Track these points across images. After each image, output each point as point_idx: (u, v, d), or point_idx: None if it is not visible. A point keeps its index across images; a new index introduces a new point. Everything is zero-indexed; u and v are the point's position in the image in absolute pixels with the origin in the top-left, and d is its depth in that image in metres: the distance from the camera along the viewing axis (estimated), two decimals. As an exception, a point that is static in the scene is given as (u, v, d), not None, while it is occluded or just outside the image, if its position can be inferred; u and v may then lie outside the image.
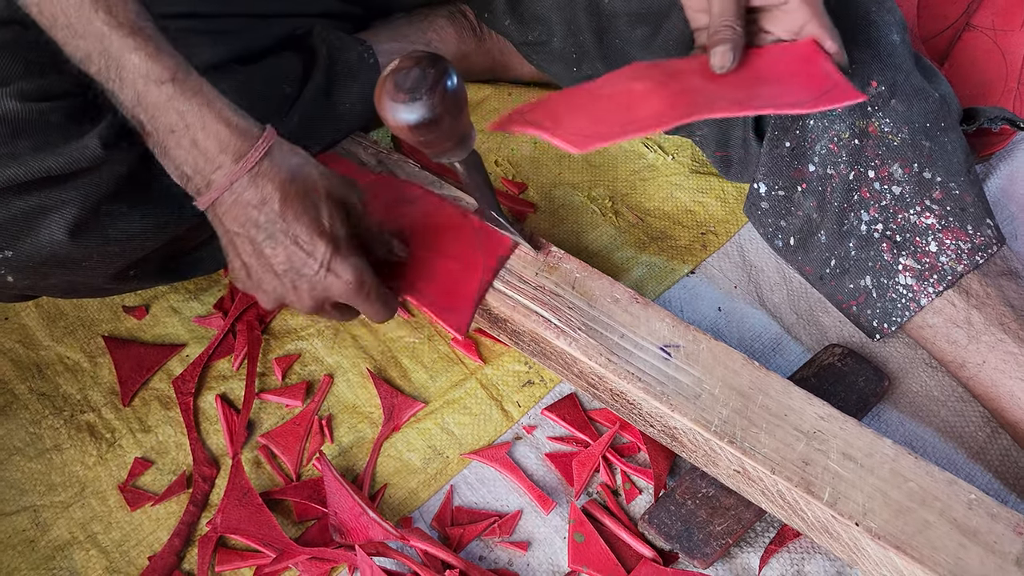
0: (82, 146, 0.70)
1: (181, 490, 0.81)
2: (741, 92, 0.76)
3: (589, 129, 0.73)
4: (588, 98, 0.78)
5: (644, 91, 0.77)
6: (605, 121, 0.74)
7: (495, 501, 0.81)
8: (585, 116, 0.75)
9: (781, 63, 0.78)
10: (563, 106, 0.77)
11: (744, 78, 0.78)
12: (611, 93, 0.78)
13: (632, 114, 0.75)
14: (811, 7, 0.76)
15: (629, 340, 0.80)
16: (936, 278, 0.83)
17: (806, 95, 0.75)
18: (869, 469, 0.72)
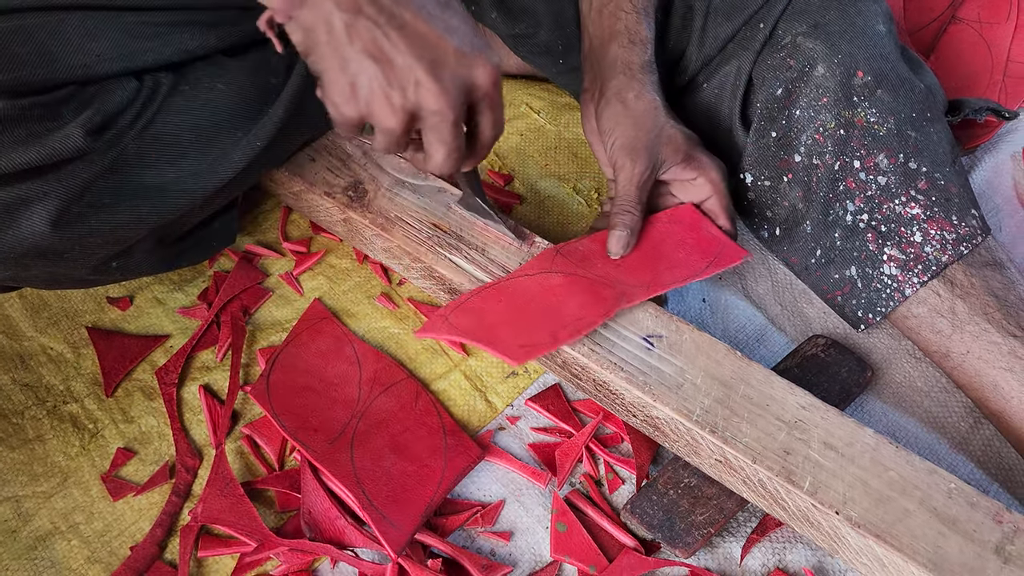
0: (64, 136, 0.69)
1: (164, 480, 0.81)
2: (647, 274, 0.84)
3: (524, 339, 0.77)
4: (510, 299, 0.81)
5: (563, 290, 0.81)
6: (537, 329, 0.78)
7: (477, 491, 0.81)
8: (516, 326, 0.79)
9: (674, 232, 0.87)
10: (489, 309, 0.80)
11: (645, 254, 0.85)
12: (532, 297, 0.81)
13: (559, 319, 0.79)
14: (715, 185, 0.86)
15: (612, 330, 0.80)
16: (921, 268, 0.84)
17: (701, 263, 0.84)
18: (850, 458, 0.72)
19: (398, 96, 0.62)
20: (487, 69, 0.63)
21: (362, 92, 0.62)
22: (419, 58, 0.60)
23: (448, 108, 0.62)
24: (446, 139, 0.65)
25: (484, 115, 0.66)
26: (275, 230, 1.00)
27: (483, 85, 0.64)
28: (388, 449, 0.81)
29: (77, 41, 0.72)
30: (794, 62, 0.86)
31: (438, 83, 0.61)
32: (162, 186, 0.76)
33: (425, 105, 0.62)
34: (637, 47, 0.87)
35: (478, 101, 0.65)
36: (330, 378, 0.86)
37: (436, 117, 0.63)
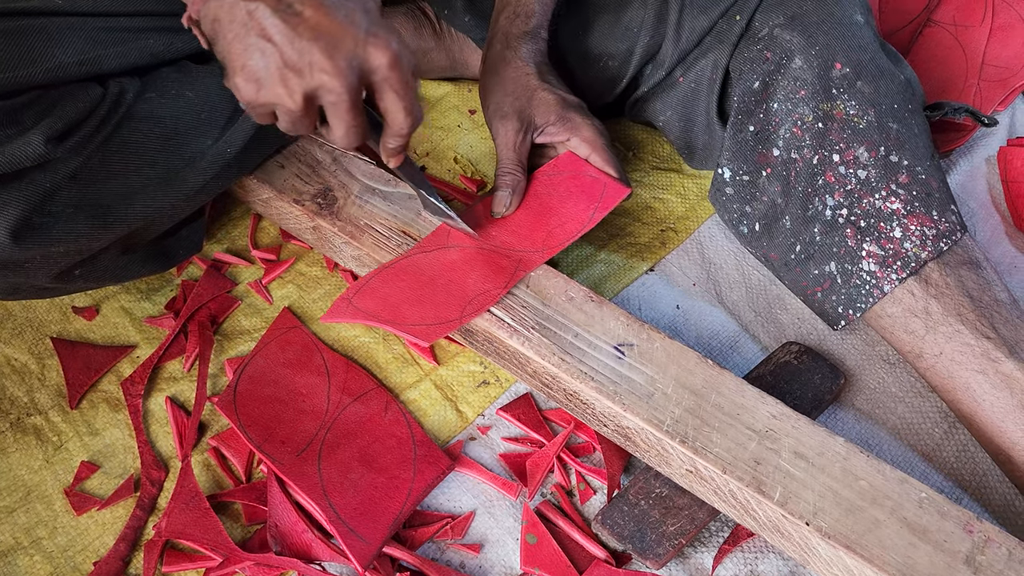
0: (24, 143, 0.68)
1: (128, 494, 0.79)
2: (540, 234, 0.86)
3: (431, 318, 0.79)
4: (412, 277, 0.83)
5: (463, 264, 0.83)
6: (443, 306, 0.80)
7: (447, 502, 0.80)
8: (421, 304, 0.81)
9: (559, 183, 0.89)
10: (392, 289, 0.82)
11: (535, 213, 0.88)
12: (433, 274, 0.83)
13: (464, 294, 0.81)
14: (590, 143, 0.88)
15: (583, 339, 0.79)
16: (899, 264, 0.83)
17: (587, 210, 0.86)
18: (820, 468, 0.72)
19: (294, 78, 0.63)
20: (384, 50, 0.64)
21: (262, 75, 0.64)
22: (315, 40, 0.62)
23: (343, 88, 0.63)
24: (344, 117, 0.66)
25: (388, 97, 0.67)
26: (244, 237, 0.99)
27: (381, 66, 0.65)
28: (356, 461, 0.80)
29: (40, 47, 0.71)
30: (771, 54, 0.85)
31: (332, 63, 0.62)
32: (127, 195, 0.75)
33: (320, 84, 0.63)
34: (519, 19, 0.92)
35: (379, 82, 0.66)
36: (298, 388, 0.85)
37: (332, 95, 0.64)
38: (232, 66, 0.64)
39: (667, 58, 0.93)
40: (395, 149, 0.73)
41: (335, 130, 0.67)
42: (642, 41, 0.93)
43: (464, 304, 0.80)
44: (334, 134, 0.68)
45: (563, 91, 0.90)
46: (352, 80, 0.63)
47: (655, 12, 0.92)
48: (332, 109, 0.65)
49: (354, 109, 0.65)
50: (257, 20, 0.62)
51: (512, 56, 0.90)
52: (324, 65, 0.62)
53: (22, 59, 0.69)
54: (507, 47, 0.91)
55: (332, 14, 0.62)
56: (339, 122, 0.66)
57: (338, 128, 0.67)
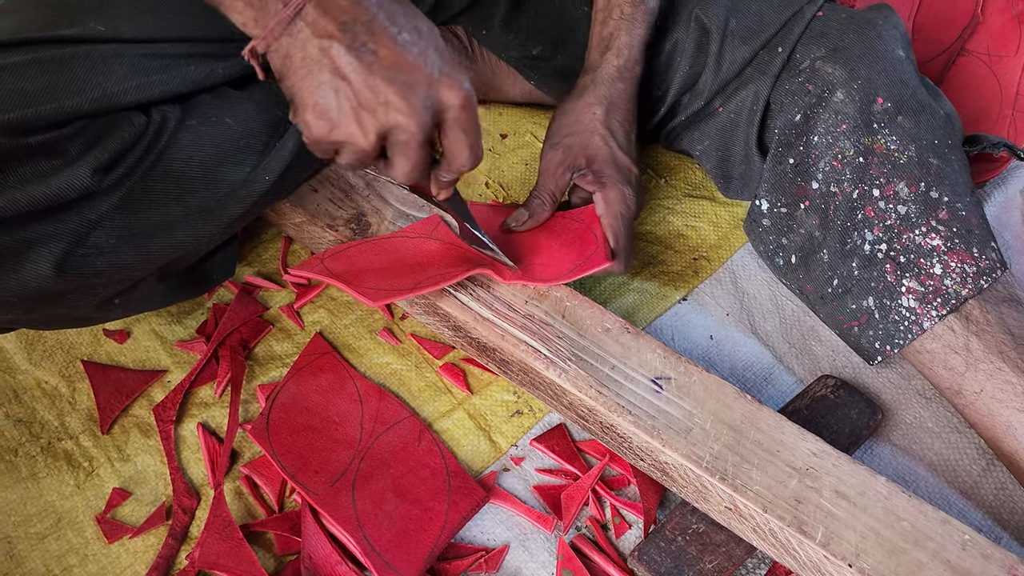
0: (71, 175, 0.68)
1: (160, 522, 0.79)
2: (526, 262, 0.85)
3: (384, 284, 0.82)
4: (387, 254, 0.86)
5: (435, 254, 0.85)
6: (399, 277, 0.82)
7: (481, 535, 0.79)
8: (382, 273, 0.83)
9: (570, 228, 0.89)
10: (364, 259, 0.85)
11: (532, 245, 0.88)
12: (405, 254, 0.86)
13: (423, 273, 0.82)
14: (609, 206, 0.87)
15: (620, 371, 0.79)
16: (939, 301, 0.82)
17: (570, 263, 0.85)
18: (862, 508, 0.71)
19: (368, 116, 0.63)
20: (457, 91, 0.64)
21: (332, 113, 0.63)
22: (390, 80, 0.62)
23: (417, 127, 0.63)
24: (411, 157, 0.66)
25: (455, 135, 0.67)
26: (276, 261, 0.98)
27: (453, 106, 0.65)
28: (390, 491, 0.79)
29: (85, 75, 0.71)
30: (812, 87, 0.85)
31: (407, 103, 0.62)
32: (169, 224, 0.75)
33: (395, 124, 0.63)
34: (610, 53, 0.91)
35: (448, 122, 0.66)
36: (331, 416, 0.84)
37: (404, 135, 0.64)
38: (303, 103, 0.64)
39: (706, 88, 0.92)
40: (448, 183, 0.73)
41: (398, 167, 0.67)
42: (681, 70, 0.93)
43: (421, 280, 0.81)
44: (396, 170, 0.68)
45: (618, 146, 0.89)
46: (426, 120, 0.63)
47: (695, 41, 0.91)
48: (401, 148, 0.65)
49: (423, 148, 0.65)
50: (332, 57, 0.61)
51: (591, 92, 0.90)
52: (399, 105, 0.62)
53: (68, 88, 0.69)
54: (592, 82, 0.91)
55: (406, 53, 0.62)
56: (405, 160, 0.66)
57: (402, 166, 0.67)
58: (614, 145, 0.89)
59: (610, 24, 0.91)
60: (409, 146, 0.65)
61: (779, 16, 0.88)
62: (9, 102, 0.66)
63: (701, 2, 0.91)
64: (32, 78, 0.68)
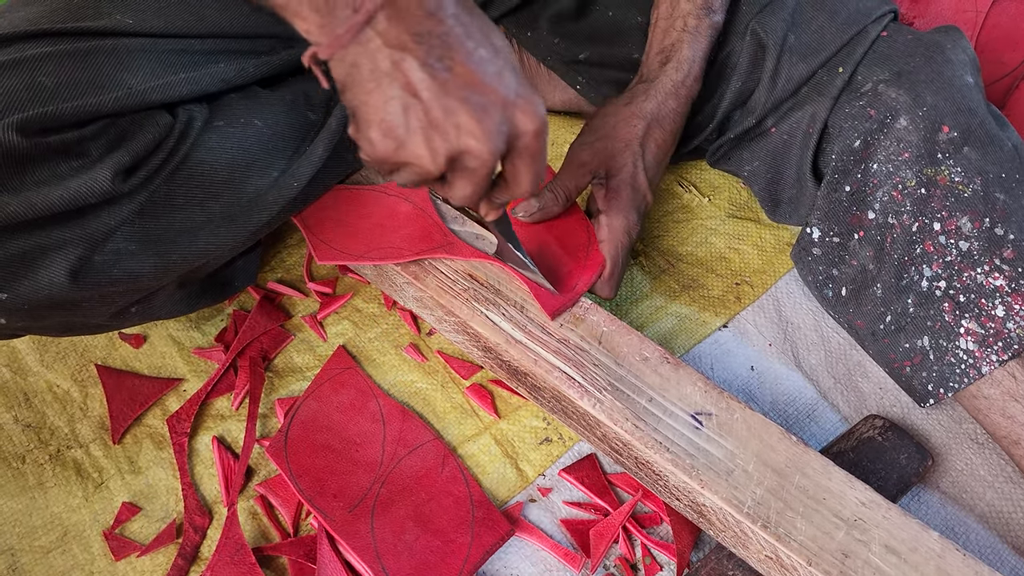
0: (91, 179, 0.64)
1: (170, 540, 0.75)
2: None
3: (339, 244, 0.82)
4: (359, 206, 0.85)
5: (404, 218, 0.84)
6: (357, 240, 0.83)
7: (504, 570, 0.75)
8: (345, 230, 0.83)
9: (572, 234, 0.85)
10: (332, 209, 0.85)
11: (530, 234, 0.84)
12: (374, 210, 0.85)
13: (380, 240, 0.82)
14: (609, 232, 0.82)
15: (658, 405, 0.74)
16: (1001, 346, 0.77)
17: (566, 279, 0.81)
18: (913, 565, 0.66)
19: (439, 138, 0.58)
20: (533, 117, 0.59)
21: (400, 131, 0.58)
22: (464, 101, 0.56)
23: (489, 154, 0.58)
24: (476, 183, 0.61)
25: (522, 161, 0.62)
26: (300, 268, 0.95)
27: (527, 132, 0.59)
28: (411, 520, 0.75)
29: (108, 71, 0.67)
30: (875, 112, 0.80)
31: (482, 128, 0.57)
32: (190, 231, 0.71)
33: (466, 149, 0.58)
34: (670, 65, 0.86)
35: (519, 149, 0.61)
36: (352, 436, 0.80)
37: (475, 161, 0.59)
38: (367, 119, 0.59)
39: (759, 105, 0.87)
40: (501, 205, 0.68)
41: (457, 190, 0.62)
42: (733, 85, 0.88)
43: (373, 249, 0.81)
44: (454, 193, 0.62)
45: (645, 167, 0.84)
46: (499, 146, 0.58)
47: (750, 55, 0.86)
48: (468, 173, 0.60)
49: (489, 173, 0.60)
50: (404, 71, 0.56)
51: (639, 102, 0.85)
52: (473, 128, 0.57)
53: (91, 84, 0.65)
54: (646, 92, 0.85)
55: (483, 72, 0.57)
56: (468, 185, 0.61)
57: (463, 189, 0.61)
58: (640, 166, 0.84)
59: (672, 34, 0.86)
60: (477, 173, 0.60)
61: (842, 34, 0.83)
62: (26, 98, 0.62)
63: (759, 14, 0.86)
64: (52, 73, 0.64)
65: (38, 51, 0.65)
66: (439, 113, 0.57)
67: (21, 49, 0.65)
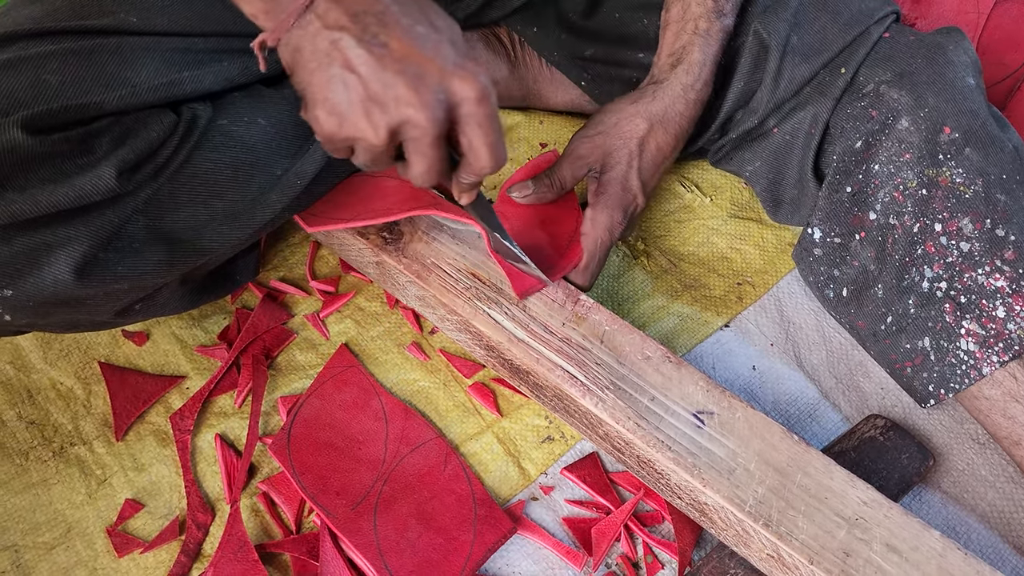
0: (95, 176, 0.64)
1: (173, 537, 0.75)
2: None
3: (328, 213, 0.84)
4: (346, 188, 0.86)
5: (392, 186, 0.85)
6: (343, 207, 0.84)
7: (507, 567, 0.76)
8: (334, 203, 0.85)
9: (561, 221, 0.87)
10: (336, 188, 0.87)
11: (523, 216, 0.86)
12: (363, 185, 0.87)
13: (367, 204, 0.84)
14: (594, 228, 0.82)
15: (660, 404, 0.75)
16: (1002, 347, 0.77)
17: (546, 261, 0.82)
18: (915, 564, 0.67)
19: (378, 111, 0.59)
20: (472, 83, 0.59)
21: (342, 108, 0.59)
22: (400, 73, 0.58)
23: (428, 122, 0.59)
24: (426, 152, 0.61)
25: (472, 131, 0.62)
26: (302, 266, 0.95)
27: (468, 99, 0.60)
28: (413, 518, 0.75)
29: (113, 70, 0.67)
30: (876, 113, 0.80)
31: (418, 96, 0.58)
32: (195, 228, 0.71)
33: (406, 119, 0.59)
34: (680, 67, 0.85)
35: (463, 117, 0.61)
36: (354, 434, 0.80)
37: (416, 131, 0.60)
38: (313, 98, 0.60)
39: (761, 106, 0.87)
40: (469, 185, 0.68)
41: (414, 167, 0.63)
42: (736, 86, 0.88)
43: (358, 215, 0.82)
44: (412, 170, 0.63)
45: (639, 169, 0.84)
46: (438, 114, 0.59)
47: (753, 56, 0.86)
48: (414, 144, 0.61)
49: (436, 145, 0.61)
50: (341, 50, 0.58)
51: (645, 102, 0.84)
52: (410, 98, 0.58)
53: (96, 82, 0.65)
54: (653, 95, 0.85)
55: (418, 45, 0.58)
56: (420, 158, 0.62)
57: (418, 164, 0.62)
58: (635, 167, 0.84)
59: (683, 37, 0.86)
60: (422, 142, 0.60)
61: (844, 35, 0.83)
62: (31, 96, 0.62)
63: (762, 14, 0.86)
64: (56, 71, 0.64)
65: (42, 49, 0.65)
66: (377, 87, 0.58)
67: (25, 47, 0.66)
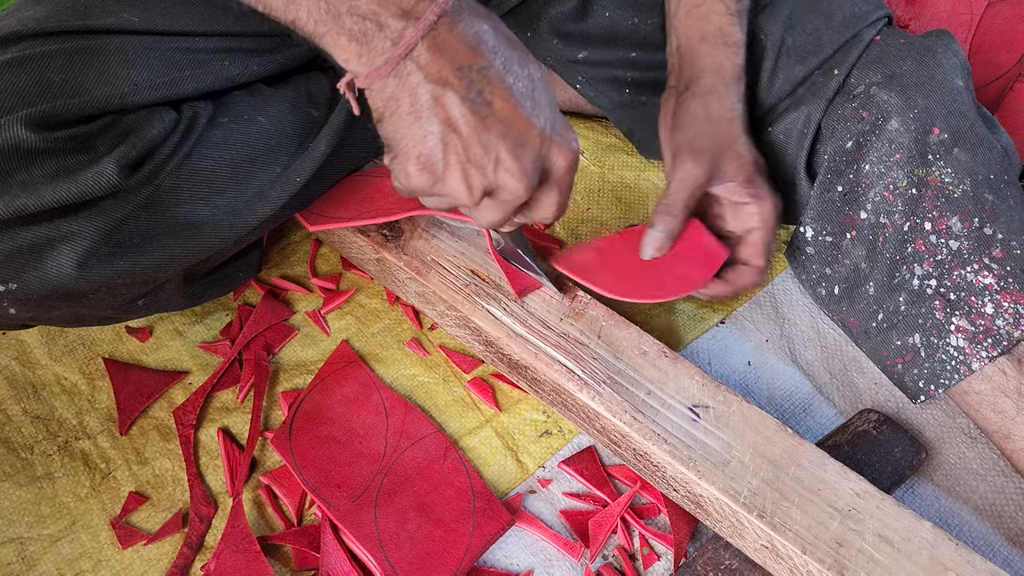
0: (98, 172, 0.65)
1: (176, 529, 0.76)
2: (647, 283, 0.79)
3: (328, 212, 0.86)
4: (347, 187, 0.88)
5: (391, 187, 0.84)
6: (344, 207, 0.86)
7: (505, 559, 0.77)
8: (334, 202, 0.87)
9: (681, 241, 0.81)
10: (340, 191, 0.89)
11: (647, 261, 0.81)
12: (363, 186, 0.88)
13: (368, 204, 0.86)
14: (763, 218, 0.79)
15: (656, 397, 0.76)
16: (990, 342, 0.79)
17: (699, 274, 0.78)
18: (907, 554, 0.68)
19: (477, 174, 0.59)
20: (567, 153, 0.60)
21: (438, 167, 0.59)
22: (503, 136, 0.57)
23: (524, 190, 0.60)
24: (506, 212, 0.62)
25: (551, 193, 0.63)
26: (303, 264, 0.96)
27: (560, 169, 0.61)
28: (413, 510, 0.76)
29: (115, 68, 0.68)
30: (867, 114, 0.81)
31: (519, 164, 0.58)
32: (196, 224, 0.72)
33: (502, 185, 0.59)
34: (729, 48, 0.84)
35: (549, 181, 0.62)
36: (355, 428, 0.81)
37: (509, 196, 0.60)
38: (405, 151, 0.59)
39: (755, 104, 0.89)
40: (519, 224, 0.69)
41: (485, 216, 0.63)
42: None
43: (361, 213, 0.84)
44: (482, 218, 0.63)
45: (757, 151, 0.82)
46: (534, 182, 0.60)
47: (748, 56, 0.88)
48: (499, 204, 0.62)
49: (520, 205, 0.62)
50: (444, 106, 0.56)
51: (725, 93, 0.82)
52: (510, 166, 0.58)
53: (98, 81, 0.66)
54: (721, 81, 0.82)
55: (521, 107, 0.58)
56: (497, 214, 0.62)
57: (491, 216, 0.63)
58: (756, 152, 0.82)
59: (714, 19, 0.84)
60: (508, 205, 0.61)
61: (837, 37, 0.85)
62: (35, 94, 0.64)
63: (757, 15, 0.87)
64: (60, 69, 0.66)
65: (46, 48, 0.67)
66: (478, 149, 0.58)
67: (30, 46, 0.67)
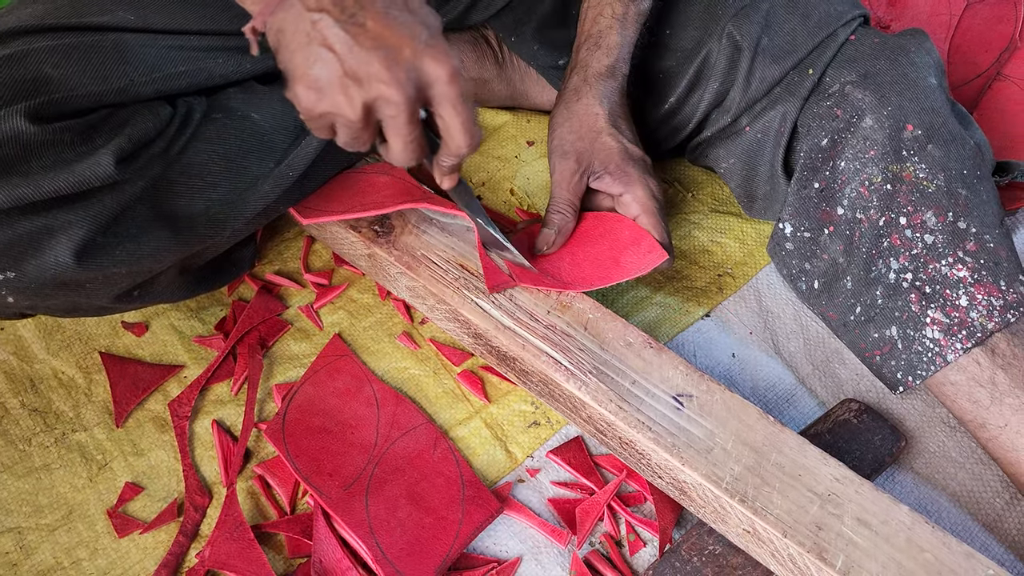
0: (94, 163, 0.67)
1: (171, 518, 0.78)
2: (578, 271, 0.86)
3: (321, 206, 0.87)
4: (341, 183, 0.90)
5: (384, 183, 0.89)
6: (336, 201, 0.88)
7: (494, 546, 0.78)
8: (328, 197, 0.88)
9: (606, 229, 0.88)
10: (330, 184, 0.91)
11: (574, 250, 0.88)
12: (355, 183, 0.90)
13: (361, 198, 0.87)
14: (641, 203, 0.85)
15: (641, 387, 0.78)
16: (965, 334, 0.81)
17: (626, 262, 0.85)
18: (885, 537, 0.70)
19: (354, 87, 0.62)
20: (443, 62, 0.63)
21: (322, 84, 0.63)
22: (375, 50, 0.61)
23: (400, 98, 0.62)
24: (401, 130, 0.65)
25: (445, 112, 0.65)
26: (297, 260, 0.98)
27: (439, 79, 0.63)
28: (404, 498, 0.78)
29: (111, 64, 0.71)
30: (841, 112, 0.84)
31: (390, 73, 0.61)
32: (191, 216, 0.74)
33: (379, 95, 0.62)
34: (599, 52, 0.89)
35: (436, 97, 0.65)
36: (347, 420, 0.83)
37: (391, 108, 0.63)
38: (294, 75, 0.64)
39: (734, 105, 0.91)
40: (449, 168, 0.71)
41: (393, 146, 0.66)
42: (711, 86, 0.91)
43: (352, 207, 0.86)
44: (392, 150, 0.67)
45: (629, 140, 0.87)
46: (410, 91, 0.62)
47: (727, 57, 0.90)
48: (390, 122, 0.64)
49: (411, 122, 0.64)
50: (320, 30, 0.61)
51: (586, 92, 0.88)
52: (383, 75, 0.61)
53: (95, 76, 0.69)
54: (584, 82, 0.88)
55: (393, 26, 0.62)
56: (396, 137, 0.65)
57: (396, 143, 0.66)
58: (624, 141, 0.87)
59: (600, 22, 0.90)
60: (397, 120, 0.63)
61: (812, 38, 0.87)
62: (34, 88, 0.66)
63: (735, 18, 0.89)
64: (58, 64, 0.68)
65: (45, 44, 0.69)
66: (353, 63, 0.61)
67: (28, 42, 0.69)
